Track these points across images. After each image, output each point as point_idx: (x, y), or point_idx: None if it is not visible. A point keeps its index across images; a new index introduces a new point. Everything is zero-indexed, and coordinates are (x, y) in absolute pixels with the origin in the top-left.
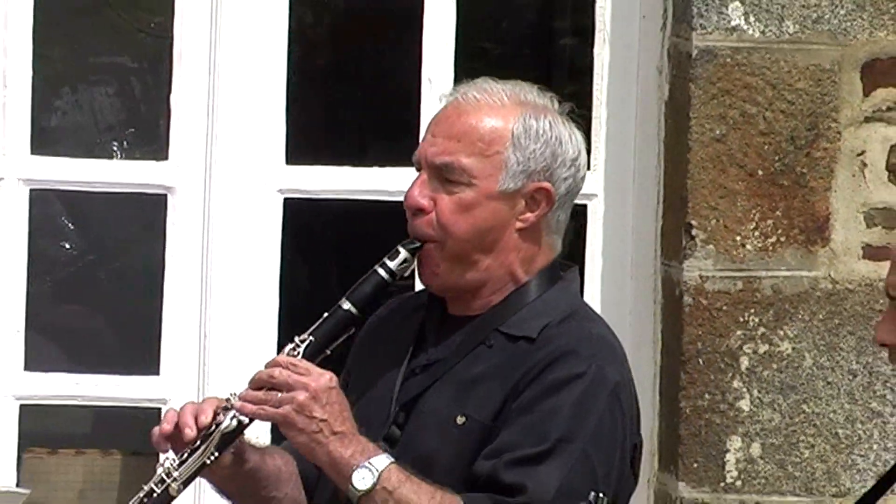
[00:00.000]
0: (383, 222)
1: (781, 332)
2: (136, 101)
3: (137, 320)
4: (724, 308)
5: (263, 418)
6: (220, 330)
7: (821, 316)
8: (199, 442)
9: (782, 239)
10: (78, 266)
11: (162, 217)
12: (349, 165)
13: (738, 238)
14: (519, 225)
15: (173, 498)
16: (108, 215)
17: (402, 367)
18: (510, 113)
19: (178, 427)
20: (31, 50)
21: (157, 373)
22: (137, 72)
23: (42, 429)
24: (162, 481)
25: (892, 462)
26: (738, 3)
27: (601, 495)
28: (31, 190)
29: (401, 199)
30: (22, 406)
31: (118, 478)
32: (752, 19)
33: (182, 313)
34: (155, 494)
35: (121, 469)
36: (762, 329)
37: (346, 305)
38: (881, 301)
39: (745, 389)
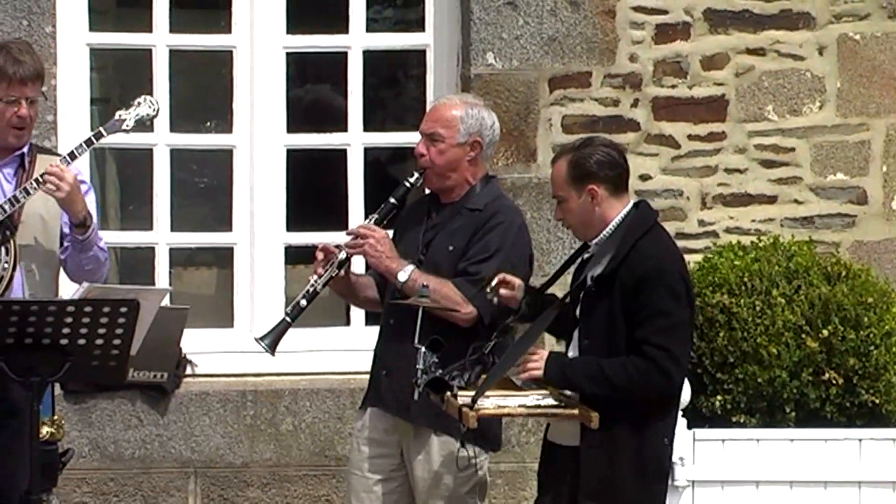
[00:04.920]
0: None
1: None
2: None
3: None
4: None
5: (355, 252)
6: None
7: None
8: (327, 267)
9: None
10: None
11: None
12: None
13: None
14: (468, 158)
15: (318, 294)
16: None
17: (423, 227)
18: (461, 106)
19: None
20: None
21: None
22: None
23: None
24: (312, 288)
25: None
26: None
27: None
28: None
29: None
30: None
31: None
32: None
33: None
34: (308, 292)
35: None
36: None
37: (392, 200)
38: None
39: None
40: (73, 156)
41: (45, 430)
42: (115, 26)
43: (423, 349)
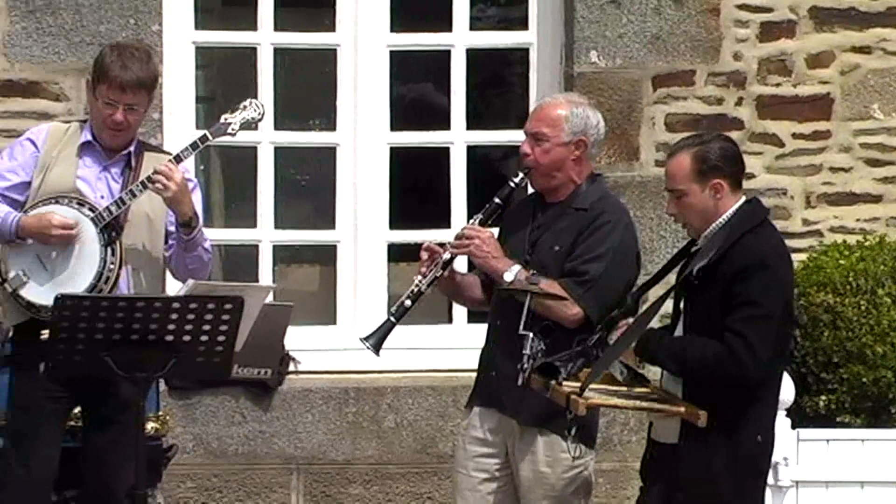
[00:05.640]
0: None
1: None
2: None
3: None
4: None
5: (461, 252)
6: None
7: None
8: (431, 267)
9: None
10: None
11: None
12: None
13: None
14: (573, 157)
15: (422, 294)
16: None
17: (528, 227)
18: (566, 105)
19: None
20: None
21: None
22: None
23: None
24: (416, 287)
25: None
26: None
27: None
28: None
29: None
30: None
31: None
32: None
33: None
34: (412, 292)
35: None
36: None
37: (497, 200)
38: None
39: None
40: (178, 159)
41: (150, 425)
42: (220, 25)
43: (532, 335)
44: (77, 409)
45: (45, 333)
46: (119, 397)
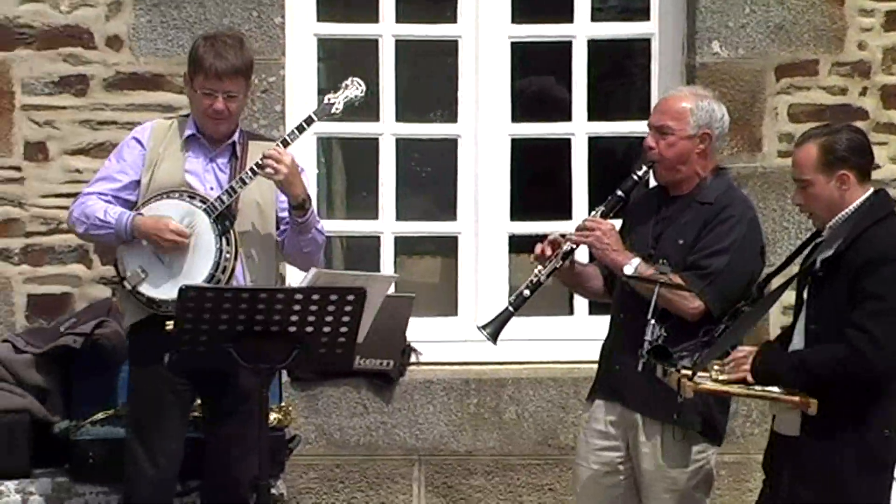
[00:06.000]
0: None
1: None
2: None
3: None
4: None
5: (581, 243)
6: None
7: None
8: (552, 258)
9: None
10: None
11: None
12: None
13: None
14: (698, 151)
15: (542, 284)
16: None
17: (652, 220)
18: (691, 98)
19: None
20: None
21: None
22: None
23: None
24: (535, 278)
25: None
26: None
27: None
28: None
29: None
30: None
31: None
32: None
33: None
34: (531, 282)
35: None
36: None
37: (619, 192)
38: None
39: None
40: (285, 142)
41: (272, 416)
42: (342, 17)
43: (653, 321)
44: (197, 401)
45: (170, 325)
46: (239, 388)
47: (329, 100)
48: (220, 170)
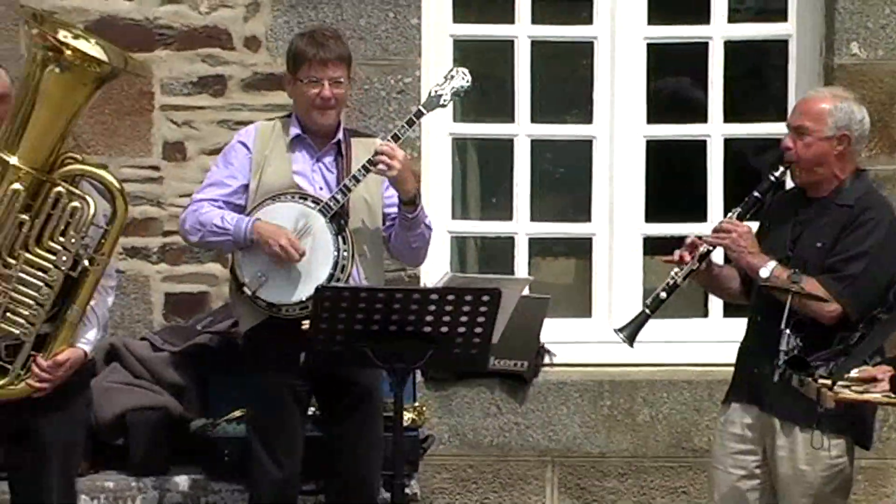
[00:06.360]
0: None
1: None
2: None
3: None
4: None
5: (717, 245)
6: None
7: None
8: (689, 260)
9: None
10: None
11: None
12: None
13: None
14: (836, 152)
15: (678, 286)
16: None
17: (790, 223)
18: (830, 100)
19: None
20: None
21: None
22: None
23: None
24: (672, 280)
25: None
26: None
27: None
28: None
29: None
30: None
31: None
32: None
33: None
34: (668, 284)
35: None
36: None
37: (756, 194)
38: None
39: None
40: (396, 137)
41: (406, 416)
42: (478, 18)
43: (788, 331)
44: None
45: (306, 324)
46: (359, 387)
47: (436, 91)
48: (327, 169)
